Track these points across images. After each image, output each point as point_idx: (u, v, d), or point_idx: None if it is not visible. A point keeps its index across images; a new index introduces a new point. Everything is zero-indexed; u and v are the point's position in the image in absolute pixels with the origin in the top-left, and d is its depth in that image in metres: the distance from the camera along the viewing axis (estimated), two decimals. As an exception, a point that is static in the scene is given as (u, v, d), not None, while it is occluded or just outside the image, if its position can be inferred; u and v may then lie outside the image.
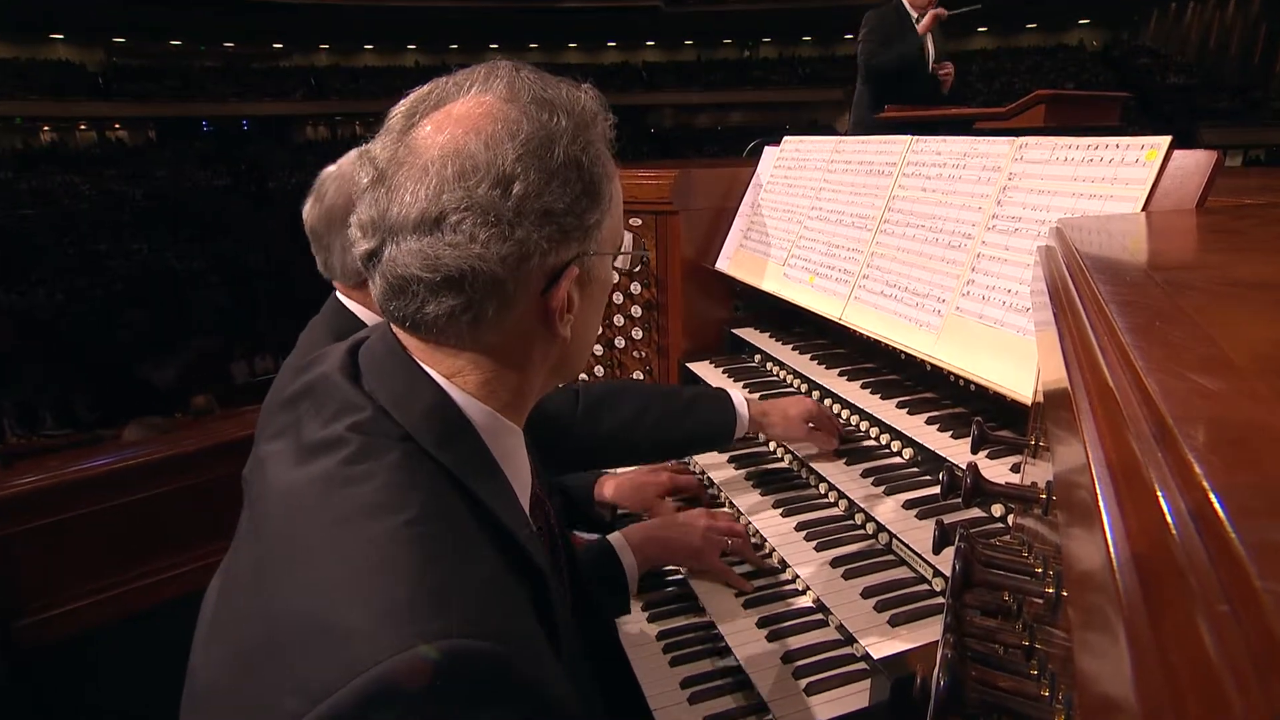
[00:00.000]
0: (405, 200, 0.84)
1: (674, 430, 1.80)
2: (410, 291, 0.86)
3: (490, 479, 0.90)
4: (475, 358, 0.91)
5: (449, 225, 0.83)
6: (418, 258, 0.84)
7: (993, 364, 1.50)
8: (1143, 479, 0.39)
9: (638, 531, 1.67)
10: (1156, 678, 0.31)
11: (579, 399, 1.74)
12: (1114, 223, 1.26)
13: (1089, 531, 0.44)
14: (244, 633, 0.79)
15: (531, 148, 0.85)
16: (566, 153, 0.87)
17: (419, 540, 0.75)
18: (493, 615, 0.74)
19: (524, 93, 0.89)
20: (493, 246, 0.84)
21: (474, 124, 0.86)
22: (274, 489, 0.87)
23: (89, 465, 2.65)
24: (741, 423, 1.82)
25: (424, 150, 0.85)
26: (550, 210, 0.86)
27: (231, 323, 14.51)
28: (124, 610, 2.61)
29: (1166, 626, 0.32)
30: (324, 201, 1.73)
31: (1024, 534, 0.99)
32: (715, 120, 43.69)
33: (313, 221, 1.76)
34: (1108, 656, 0.37)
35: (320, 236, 1.76)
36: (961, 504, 0.92)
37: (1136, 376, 0.48)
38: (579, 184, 0.89)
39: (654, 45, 45.97)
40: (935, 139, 1.87)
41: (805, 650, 1.43)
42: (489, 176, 0.83)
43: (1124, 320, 0.58)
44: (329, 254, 1.76)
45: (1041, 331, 0.94)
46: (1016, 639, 0.78)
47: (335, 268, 1.76)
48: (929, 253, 1.75)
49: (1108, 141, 1.44)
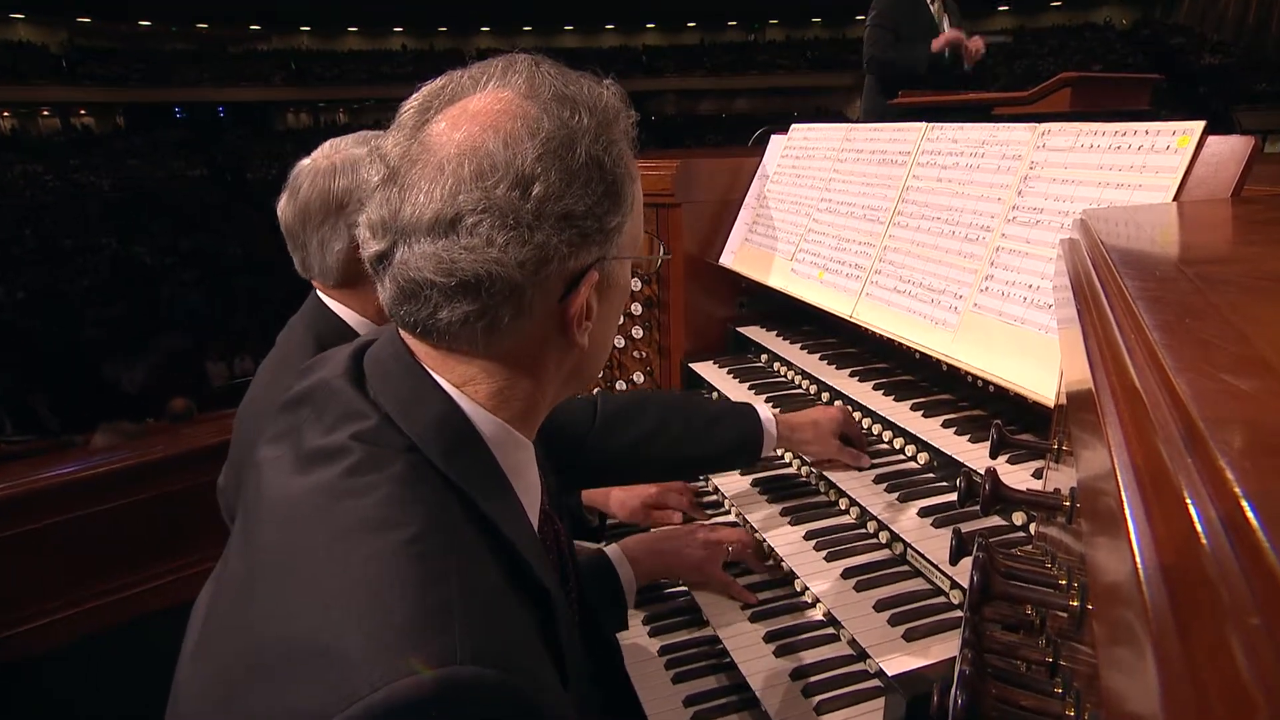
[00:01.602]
0: (419, 200, 0.84)
1: (696, 447, 1.75)
2: (423, 296, 0.86)
3: (498, 494, 0.90)
4: (487, 366, 0.91)
5: (465, 228, 0.83)
6: (431, 261, 0.84)
7: (1013, 364, 1.50)
8: (1171, 486, 0.39)
9: (636, 544, 1.67)
10: (1186, 696, 0.31)
11: (597, 410, 1.72)
12: (1142, 214, 1.26)
13: (1114, 541, 0.44)
14: (233, 651, 0.79)
15: (552, 147, 0.86)
16: (589, 152, 0.88)
17: (421, 559, 0.75)
18: (496, 640, 0.74)
19: (545, 88, 0.89)
20: (511, 250, 0.84)
21: (492, 121, 0.86)
22: (270, 498, 0.87)
23: (55, 473, 2.65)
24: (770, 440, 1.77)
25: (439, 148, 0.85)
26: (571, 213, 0.87)
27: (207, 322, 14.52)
28: (96, 626, 2.61)
29: (1196, 641, 0.32)
30: (298, 197, 1.70)
31: (1047, 544, 1.00)
32: (719, 107, 43.74)
33: (287, 219, 1.72)
34: (1135, 674, 0.37)
35: (295, 235, 1.72)
36: (980, 511, 0.92)
37: (1165, 377, 0.48)
38: (601, 185, 0.89)
39: (654, 28, 46.03)
40: (952, 126, 1.87)
41: (815, 666, 1.43)
42: (508, 177, 0.84)
43: (1152, 317, 0.59)
44: (305, 253, 1.73)
45: (1064, 329, 0.94)
46: (1039, 655, 0.78)
47: (313, 267, 1.73)
48: (945, 246, 1.75)
49: (1136, 127, 1.45)
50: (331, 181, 1.64)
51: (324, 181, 1.66)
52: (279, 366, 1.65)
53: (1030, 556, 0.97)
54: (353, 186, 1.64)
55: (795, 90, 41.42)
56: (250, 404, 1.65)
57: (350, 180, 1.64)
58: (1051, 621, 0.80)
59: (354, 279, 1.69)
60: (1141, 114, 3.06)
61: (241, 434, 1.63)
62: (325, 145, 1.73)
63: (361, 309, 1.72)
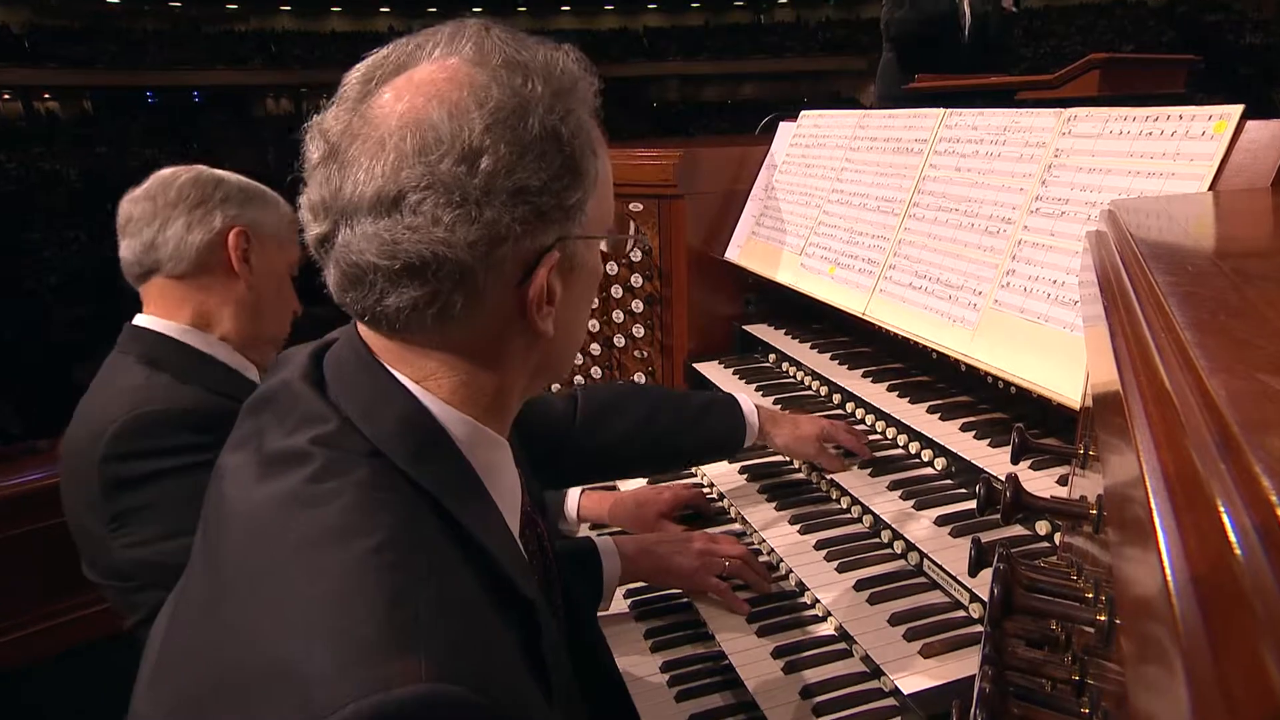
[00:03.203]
0: (359, 178, 0.83)
1: (683, 440, 1.80)
2: (367, 282, 0.86)
3: (472, 498, 0.90)
4: (447, 358, 0.91)
5: (408, 206, 0.82)
6: (374, 243, 0.83)
7: (1036, 364, 1.50)
8: (1204, 493, 0.39)
9: (632, 542, 1.67)
10: (1218, 717, 0.31)
11: (578, 404, 1.74)
12: (1175, 204, 1.26)
13: (1143, 552, 0.44)
14: (194, 672, 0.79)
15: (501, 117, 0.84)
16: (543, 123, 0.86)
17: (388, 569, 0.75)
18: (470, 655, 0.74)
19: (494, 55, 0.88)
20: (458, 230, 0.83)
21: (437, 90, 0.85)
22: (232, 508, 0.87)
23: (16, 481, 2.64)
24: (751, 431, 1.83)
25: (381, 121, 0.84)
26: (524, 188, 0.85)
27: (181, 319, 14.53)
28: (55, 647, 2.59)
29: (1230, 659, 0.32)
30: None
31: (1073, 555, 1.00)
32: (725, 93, 43.74)
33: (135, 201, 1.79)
34: (1165, 693, 0.37)
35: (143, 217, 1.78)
36: (1000, 520, 0.92)
37: (1197, 378, 0.48)
38: (557, 158, 0.88)
39: (656, 8, 46.02)
40: (971, 112, 1.87)
41: (826, 684, 1.43)
42: (453, 150, 0.83)
43: (1184, 314, 0.59)
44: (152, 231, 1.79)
45: (1091, 327, 0.94)
46: (1065, 673, 0.78)
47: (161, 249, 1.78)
48: (964, 239, 1.75)
49: (1169, 112, 1.44)
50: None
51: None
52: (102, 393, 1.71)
53: (1055, 568, 0.97)
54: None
55: (805, 74, 41.42)
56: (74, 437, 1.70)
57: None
58: (1078, 637, 0.80)
59: (203, 269, 1.76)
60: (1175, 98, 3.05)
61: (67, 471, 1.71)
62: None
63: (184, 316, 1.77)
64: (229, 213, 1.76)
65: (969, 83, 4.52)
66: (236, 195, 1.78)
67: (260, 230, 1.81)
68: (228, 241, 1.75)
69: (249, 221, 1.79)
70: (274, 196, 1.86)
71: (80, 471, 1.63)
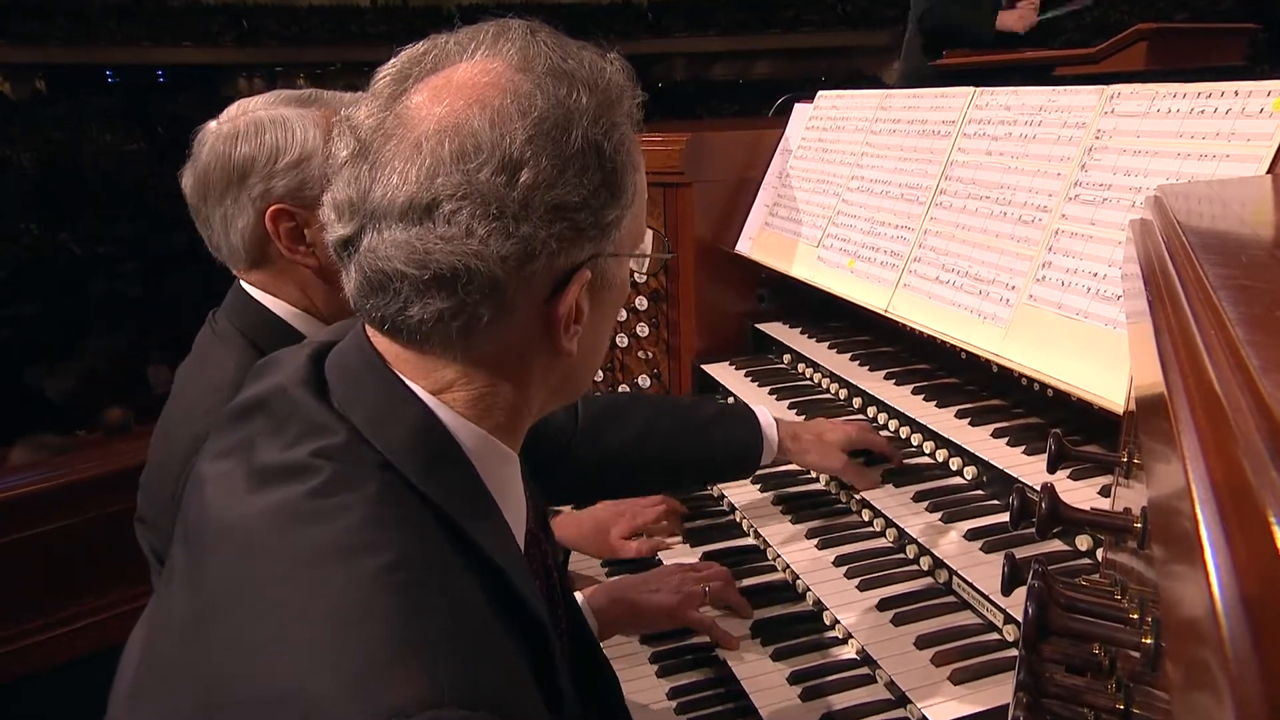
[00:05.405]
0: (392, 181, 0.85)
1: (687, 453, 1.79)
2: (392, 289, 0.87)
3: (484, 515, 0.91)
4: (466, 371, 0.92)
5: (442, 215, 0.84)
6: (403, 250, 0.85)
7: (1074, 364, 1.50)
8: (1254, 504, 0.39)
9: (603, 593, 1.68)
10: (1270, 746, 0.31)
11: (578, 413, 1.74)
12: (1229, 189, 1.26)
13: (1189, 568, 0.44)
14: (177, 697, 0.80)
15: (545, 129, 0.86)
16: (586, 136, 0.89)
17: (399, 588, 0.76)
18: (485, 677, 0.75)
19: (539, 61, 0.90)
20: (492, 243, 0.85)
21: (478, 95, 0.87)
22: (220, 521, 0.88)
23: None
24: (769, 447, 1.81)
25: (417, 123, 0.86)
26: (562, 204, 0.88)
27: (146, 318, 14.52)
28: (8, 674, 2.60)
29: (1283, 683, 0.32)
30: (198, 165, 1.62)
31: (1116, 572, 1.00)
32: (735, 71, 43.70)
33: (189, 194, 1.65)
34: (1213, 720, 0.38)
35: (199, 210, 1.65)
36: (1036, 534, 0.92)
37: (1249, 379, 0.48)
38: (598, 174, 0.90)
39: (660, -23, 46.04)
40: (1004, 90, 1.87)
41: (848, 712, 1.44)
42: (493, 160, 0.84)
43: (1235, 310, 0.59)
44: (210, 231, 1.66)
45: (1134, 324, 0.94)
46: (1108, 701, 0.78)
47: (221, 247, 1.67)
48: (995, 229, 1.76)
49: (1223, 88, 1.44)
50: (232, 148, 1.57)
51: (224, 147, 1.58)
52: (199, 373, 1.62)
53: (1096, 587, 0.97)
54: (255, 153, 1.56)
55: (823, 51, 41.34)
56: (168, 419, 1.61)
57: (253, 147, 1.57)
58: (1122, 662, 0.80)
59: (265, 259, 1.64)
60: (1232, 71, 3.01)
61: (160, 456, 1.58)
62: (233, 106, 1.65)
63: (289, 296, 1.66)
64: (255, 190, 1.57)
65: (1002, 58, 4.48)
66: (264, 162, 1.57)
67: (304, 195, 1.57)
68: (269, 227, 1.58)
69: (284, 191, 1.57)
70: (305, 127, 1.59)
71: (173, 447, 1.50)
